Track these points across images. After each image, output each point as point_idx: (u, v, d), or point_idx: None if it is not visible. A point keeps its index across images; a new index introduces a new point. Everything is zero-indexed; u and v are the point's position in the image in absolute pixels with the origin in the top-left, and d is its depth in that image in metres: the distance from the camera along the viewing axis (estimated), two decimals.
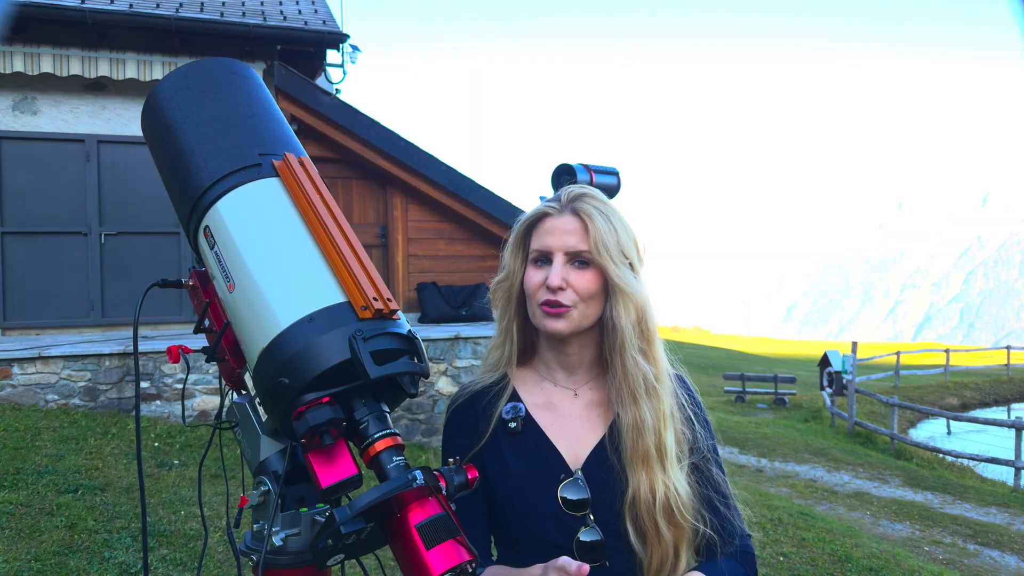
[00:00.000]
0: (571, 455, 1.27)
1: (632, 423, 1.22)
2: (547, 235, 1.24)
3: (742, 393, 19.03)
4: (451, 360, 7.05)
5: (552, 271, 1.22)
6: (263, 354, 1.04)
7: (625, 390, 1.24)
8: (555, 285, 1.21)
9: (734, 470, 9.82)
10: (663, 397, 1.25)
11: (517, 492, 1.26)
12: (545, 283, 1.23)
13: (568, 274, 1.22)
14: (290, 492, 1.11)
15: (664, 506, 1.20)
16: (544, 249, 1.24)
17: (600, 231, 1.22)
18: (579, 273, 1.23)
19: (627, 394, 1.23)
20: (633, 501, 1.21)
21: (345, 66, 9.37)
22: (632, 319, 1.23)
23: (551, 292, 1.22)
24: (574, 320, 1.24)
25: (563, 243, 1.23)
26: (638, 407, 1.22)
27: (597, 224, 1.22)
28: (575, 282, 1.22)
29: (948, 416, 15.32)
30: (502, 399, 1.32)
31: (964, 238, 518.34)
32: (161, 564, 3.72)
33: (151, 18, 7.40)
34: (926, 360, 31.77)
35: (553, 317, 1.23)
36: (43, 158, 7.71)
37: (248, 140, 1.20)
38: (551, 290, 1.22)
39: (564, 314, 1.23)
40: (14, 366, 6.06)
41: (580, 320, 1.24)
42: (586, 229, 1.22)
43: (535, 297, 1.25)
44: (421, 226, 9.11)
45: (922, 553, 6.52)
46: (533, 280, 1.25)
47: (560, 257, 1.23)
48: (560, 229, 1.23)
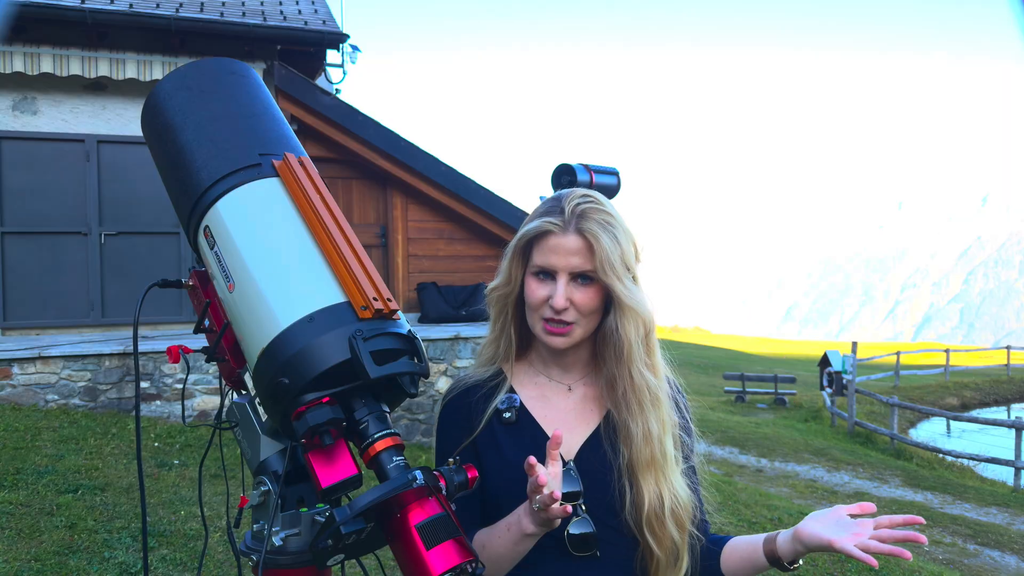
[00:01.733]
0: (564, 447, 1.28)
1: (641, 433, 1.24)
2: (551, 253, 1.24)
3: (742, 393, 19.03)
4: (451, 360, 7.05)
5: (556, 292, 1.22)
6: (263, 354, 1.04)
7: (633, 401, 1.25)
8: (559, 307, 1.22)
9: (734, 470, 9.82)
10: (664, 405, 1.27)
11: (512, 482, 1.27)
12: (548, 301, 1.23)
13: (571, 292, 1.23)
14: (290, 492, 1.11)
15: (672, 511, 1.23)
16: (548, 267, 1.24)
17: (605, 250, 1.21)
18: (583, 290, 1.23)
19: (635, 405, 1.25)
20: (646, 508, 1.23)
21: (345, 66, 9.38)
22: (640, 334, 1.25)
23: (554, 311, 1.23)
24: (575, 337, 1.26)
25: (568, 263, 1.22)
26: (644, 416, 1.25)
27: (603, 243, 1.21)
28: (578, 300, 1.23)
29: (948, 416, 15.33)
30: (497, 395, 1.33)
31: (964, 238, 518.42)
32: (161, 564, 3.72)
33: (151, 18, 7.40)
34: (926, 360, 31.77)
35: (555, 335, 1.25)
36: (43, 158, 7.71)
37: (248, 140, 1.20)
38: (555, 310, 1.23)
39: (567, 332, 1.24)
40: (14, 366, 6.06)
41: (582, 336, 1.26)
42: (591, 248, 1.22)
43: (537, 311, 1.26)
44: (421, 226, 9.11)
45: (922, 553, 6.52)
46: (536, 294, 1.25)
47: (564, 277, 1.23)
48: (565, 249, 1.22)
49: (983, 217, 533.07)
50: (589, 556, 1.25)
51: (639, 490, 1.23)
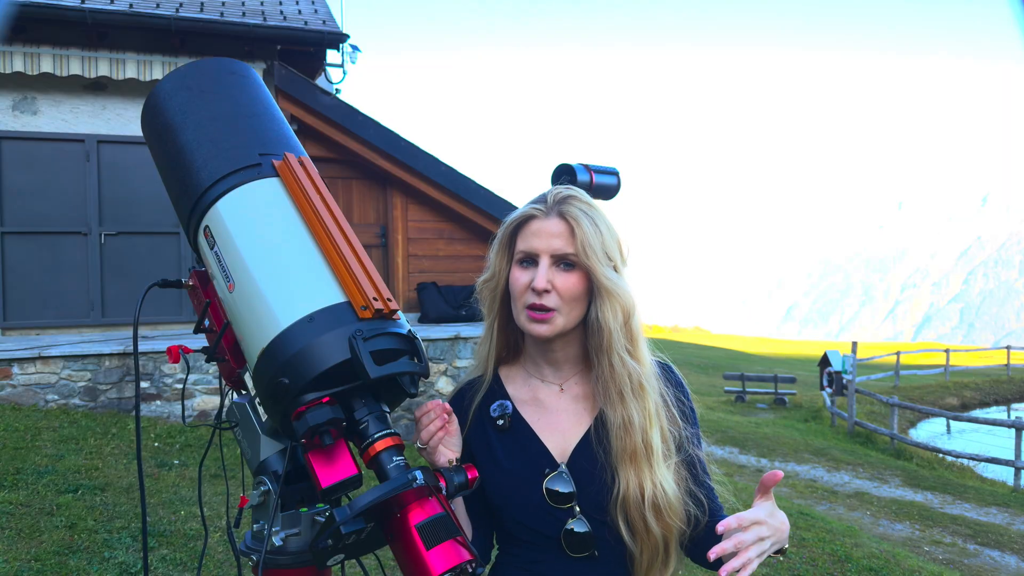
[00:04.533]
0: (558, 449, 1.29)
1: (620, 422, 1.24)
2: (533, 237, 1.25)
3: (742, 393, 19.03)
4: (451, 360, 7.05)
5: (538, 273, 1.23)
6: (263, 354, 1.04)
7: (613, 389, 1.25)
8: (540, 287, 1.22)
9: (734, 470, 9.82)
10: (649, 395, 1.26)
11: (506, 486, 1.28)
12: (530, 285, 1.24)
13: (553, 276, 1.24)
14: (290, 492, 1.11)
15: (652, 503, 1.22)
16: (530, 251, 1.25)
17: (586, 234, 1.23)
18: (564, 275, 1.24)
19: (615, 393, 1.25)
20: (622, 499, 1.23)
21: (345, 66, 9.37)
22: (619, 320, 1.25)
23: (536, 295, 1.23)
24: (558, 325, 1.25)
25: (549, 246, 1.24)
26: (625, 406, 1.24)
27: (583, 227, 1.23)
28: (560, 284, 1.24)
29: (948, 416, 15.32)
30: (480, 393, 1.35)
31: (964, 238, 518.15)
32: (161, 564, 3.71)
33: (151, 18, 7.40)
34: (926, 360, 31.76)
35: (537, 322, 1.25)
36: (43, 158, 7.70)
37: (248, 140, 1.20)
38: (536, 292, 1.23)
39: (548, 319, 1.24)
40: (14, 366, 6.06)
41: (564, 324, 1.26)
42: (572, 232, 1.24)
43: (520, 299, 1.26)
44: (421, 226, 9.11)
45: (922, 553, 6.52)
46: (519, 281, 1.26)
47: (546, 260, 1.24)
48: (547, 232, 1.24)
49: (983, 217, 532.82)
50: (587, 556, 1.25)
51: (618, 481, 1.23)
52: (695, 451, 1.33)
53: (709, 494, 1.33)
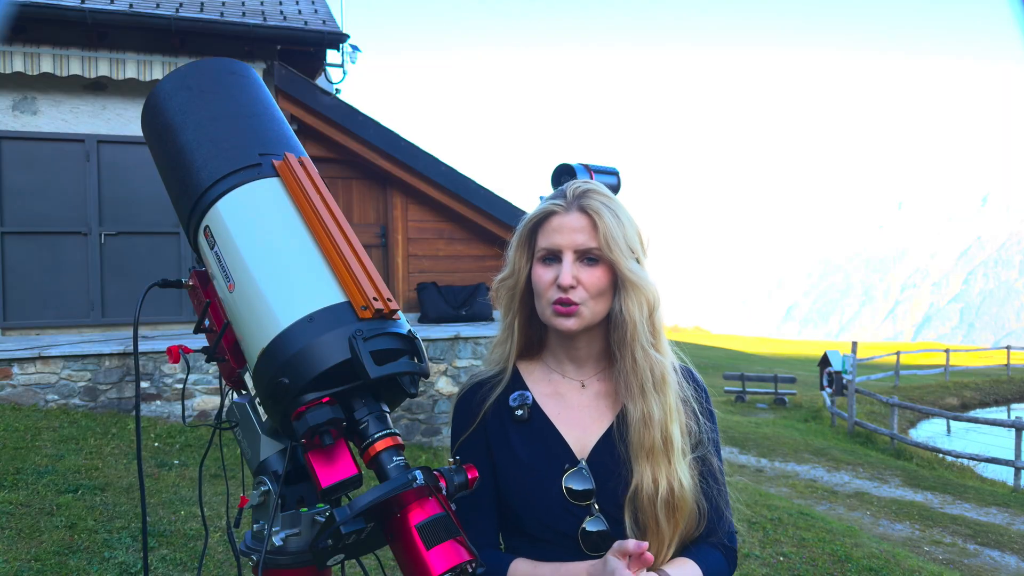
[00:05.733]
0: (578, 445, 1.27)
1: (640, 416, 1.22)
2: (555, 233, 1.24)
3: (742, 393, 19.03)
4: (451, 360, 7.05)
5: (563, 270, 1.22)
6: (263, 354, 1.04)
7: (634, 383, 1.24)
8: (567, 284, 1.21)
9: (734, 470, 9.82)
10: (670, 390, 1.25)
11: (523, 480, 1.27)
12: (555, 282, 1.23)
13: (578, 272, 1.23)
14: (290, 492, 1.11)
15: (665, 500, 1.20)
16: (553, 247, 1.24)
17: (609, 227, 1.22)
18: (589, 270, 1.23)
19: (636, 387, 1.24)
20: (635, 493, 1.21)
21: (345, 66, 9.37)
22: (644, 313, 1.24)
23: (562, 291, 1.22)
24: (585, 319, 1.24)
25: (572, 241, 1.23)
26: (646, 400, 1.23)
27: (606, 220, 1.22)
28: (585, 279, 1.23)
29: (948, 416, 15.32)
30: (499, 388, 1.33)
31: (964, 238, 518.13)
32: (161, 564, 3.71)
33: (151, 18, 7.40)
34: (926, 360, 31.77)
35: (564, 316, 1.23)
36: (43, 158, 7.70)
37: (248, 140, 1.20)
38: (562, 288, 1.22)
39: (575, 313, 1.23)
40: (14, 366, 6.06)
41: (591, 318, 1.25)
42: (595, 226, 1.23)
43: (545, 295, 1.25)
44: (421, 226, 9.11)
45: (922, 553, 6.52)
46: (543, 278, 1.25)
47: (570, 255, 1.23)
48: (568, 227, 1.23)
49: (983, 217, 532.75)
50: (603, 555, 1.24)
51: (634, 475, 1.21)
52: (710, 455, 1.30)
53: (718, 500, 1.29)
